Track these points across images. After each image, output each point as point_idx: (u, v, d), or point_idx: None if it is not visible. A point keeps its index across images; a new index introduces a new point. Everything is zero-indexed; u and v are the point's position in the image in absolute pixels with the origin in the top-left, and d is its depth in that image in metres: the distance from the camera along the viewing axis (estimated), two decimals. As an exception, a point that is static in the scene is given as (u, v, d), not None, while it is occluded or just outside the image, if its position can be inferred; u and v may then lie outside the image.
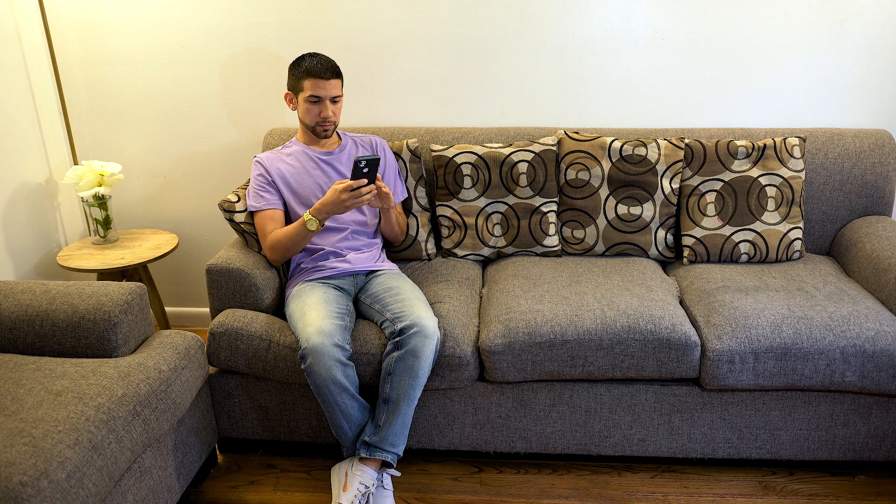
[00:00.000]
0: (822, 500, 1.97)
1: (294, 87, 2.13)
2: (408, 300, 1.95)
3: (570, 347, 1.90)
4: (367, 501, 1.84)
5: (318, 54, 2.11)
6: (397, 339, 1.85)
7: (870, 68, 2.47)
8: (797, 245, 2.32)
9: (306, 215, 2.01)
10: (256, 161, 2.19)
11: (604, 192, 2.32)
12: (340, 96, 2.15)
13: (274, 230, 2.10)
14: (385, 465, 1.89)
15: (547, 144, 2.34)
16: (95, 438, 1.47)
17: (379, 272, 2.15)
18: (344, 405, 1.83)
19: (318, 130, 2.16)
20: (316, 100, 2.10)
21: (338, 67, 2.13)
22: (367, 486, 1.83)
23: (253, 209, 2.14)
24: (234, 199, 2.13)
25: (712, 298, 2.05)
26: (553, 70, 2.53)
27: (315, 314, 1.89)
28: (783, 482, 2.04)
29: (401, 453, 1.88)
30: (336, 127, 2.20)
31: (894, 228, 2.27)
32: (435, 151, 2.37)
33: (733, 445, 2.02)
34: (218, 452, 2.19)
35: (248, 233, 2.13)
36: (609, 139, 2.33)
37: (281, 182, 2.15)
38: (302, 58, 2.11)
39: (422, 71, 2.56)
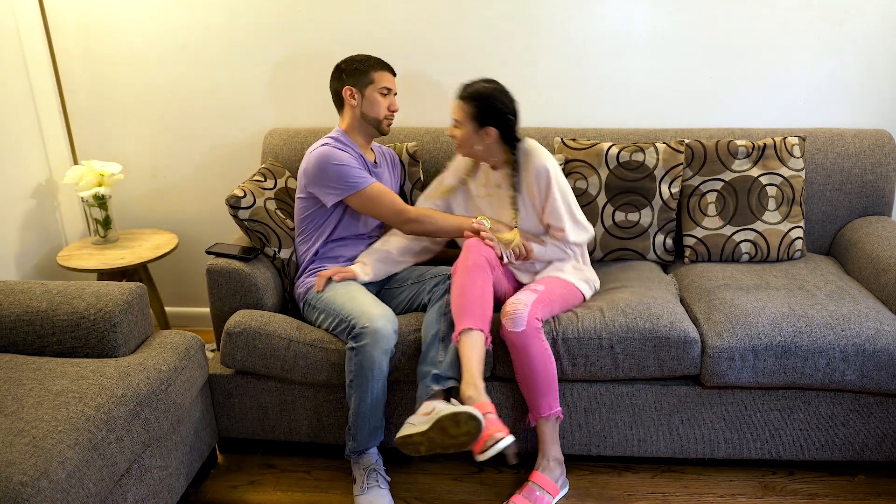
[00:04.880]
0: (822, 500, 1.97)
1: (359, 81, 2.09)
2: (439, 268, 2.10)
3: (570, 347, 1.90)
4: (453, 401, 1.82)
5: (367, 54, 2.14)
6: (451, 279, 1.94)
7: (870, 68, 2.47)
8: (798, 244, 2.32)
9: (480, 217, 2.08)
10: (335, 149, 2.05)
11: (601, 199, 2.32)
12: None
13: (404, 202, 2.08)
14: (449, 394, 1.88)
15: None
16: (95, 438, 1.47)
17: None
18: (377, 393, 1.87)
19: (384, 125, 2.14)
20: (387, 91, 2.11)
21: None
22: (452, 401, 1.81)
23: (368, 181, 2.03)
24: (241, 194, 2.10)
25: (713, 296, 2.05)
26: (553, 70, 2.53)
27: (369, 299, 1.96)
28: (783, 482, 2.04)
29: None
30: None
31: (894, 228, 2.27)
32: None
33: (733, 445, 2.02)
34: (218, 452, 2.19)
35: (252, 230, 2.12)
36: (606, 145, 2.31)
37: None
38: (357, 58, 2.12)
39: (422, 71, 2.56)
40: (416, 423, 1.72)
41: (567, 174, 2.33)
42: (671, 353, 1.90)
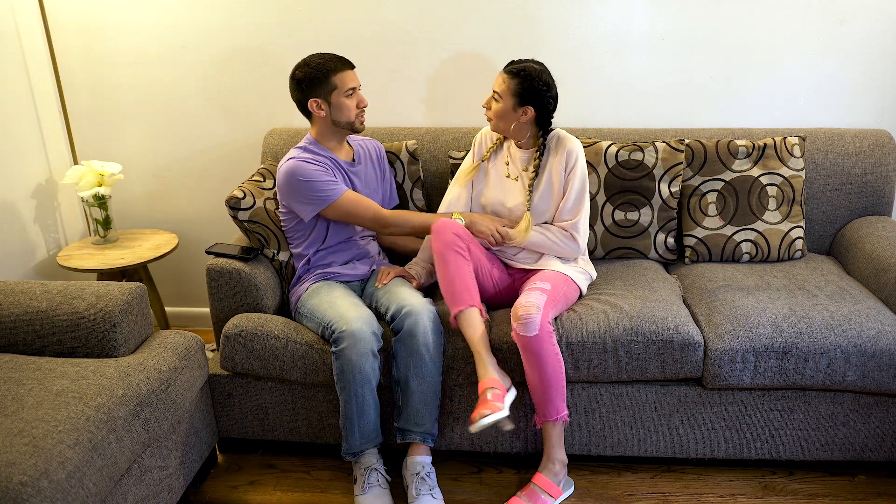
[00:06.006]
0: (822, 500, 1.97)
1: (321, 90, 2.01)
2: (396, 289, 2.02)
3: (573, 351, 1.90)
4: (428, 479, 1.89)
5: (321, 54, 2.05)
6: (392, 323, 1.93)
7: (870, 68, 2.47)
8: (798, 244, 2.32)
9: (456, 215, 2.07)
10: (301, 161, 2.01)
11: (601, 198, 2.32)
12: None
13: (380, 207, 2.08)
14: (426, 449, 1.93)
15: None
16: (95, 438, 1.47)
17: (373, 272, 2.22)
18: (362, 397, 1.86)
19: (358, 123, 2.07)
20: (352, 91, 2.03)
21: None
22: (415, 473, 1.89)
23: (339, 192, 2.01)
24: (241, 195, 2.09)
25: (714, 297, 2.05)
26: (553, 70, 2.51)
27: (349, 302, 1.95)
28: (783, 482, 2.04)
29: (433, 432, 1.92)
30: None
31: (894, 228, 2.27)
32: (454, 159, 2.36)
33: (733, 445, 2.02)
34: (218, 452, 2.19)
35: (252, 231, 2.11)
36: (605, 144, 2.31)
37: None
38: (311, 65, 2.01)
39: (422, 71, 2.56)
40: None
41: None
42: (675, 356, 1.90)
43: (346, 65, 2.04)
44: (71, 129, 2.67)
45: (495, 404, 1.76)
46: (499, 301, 2.13)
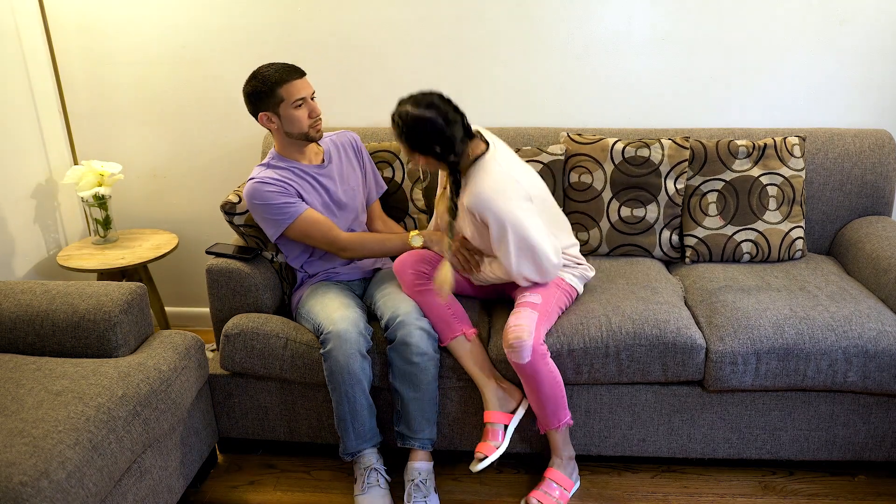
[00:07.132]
0: (822, 500, 1.97)
1: (269, 103, 1.94)
2: (391, 294, 2.00)
3: (575, 356, 1.90)
4: (423, 486, 1.90)
5: (270, 64, 1.95)
6: (385, 332, 1.93)
7: (870, 68, 2.47)
8: (799, 244, 2.31)
9: (413, 233, 2.06)
10: (259, 182, 1.96)
11: (607, 194, 2.32)
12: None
13: (339, 230, 2.04)
14: (425, 455, 1.95)
15: (555, 154, 2.33)
16: (95, 438, 1.47)
17: (377, 272, 2.21)
18: (353, 398, 1.86)
19: (313, 133, 1.99)
20: (302, 102, 1.94)
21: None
22: (411, 480, 1.91)
23: (296, 214, 1.97)
24: (235, 199, 2.09)
25: (714, 298, 2.05)
26: (553, 70, 2.53)
27: (338, 303, 1.95)
28: (783, 482, 2.04)
29: (432, 437, 1.93)
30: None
31: (894, 228, 2.27)
32: None
33: (733, 445, 2.02)
34: (218, 452, 2.19)
35: (248, 234, 2.12)
36: (611, 141, 2.32)
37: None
38: (257, 77, 1.93)
39: (422, 71, 2.56)
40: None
41: (571, 168, 2.33)
42: (676, 359, 1.89)
43: (294, 74, 1.93)
44: (71, 129, 2.67)
45: (490, 444, 1.88)
46: (496, 296, 2.13)
